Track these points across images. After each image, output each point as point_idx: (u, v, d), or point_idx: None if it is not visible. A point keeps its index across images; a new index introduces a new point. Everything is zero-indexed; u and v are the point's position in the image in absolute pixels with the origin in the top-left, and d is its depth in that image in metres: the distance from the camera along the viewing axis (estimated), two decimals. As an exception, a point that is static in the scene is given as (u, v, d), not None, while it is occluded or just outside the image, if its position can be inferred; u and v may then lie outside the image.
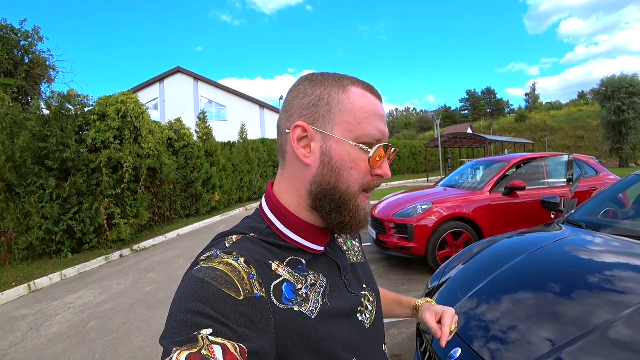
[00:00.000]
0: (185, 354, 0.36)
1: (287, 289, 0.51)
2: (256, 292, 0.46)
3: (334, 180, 0.53)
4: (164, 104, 21.00)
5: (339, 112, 0.53)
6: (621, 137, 26.21)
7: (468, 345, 1.32)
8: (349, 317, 0.56)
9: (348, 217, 0.55)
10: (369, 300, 0.63)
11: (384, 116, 0.56)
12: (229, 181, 11.59)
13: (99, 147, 6.41)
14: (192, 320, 0.40)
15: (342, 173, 0.53)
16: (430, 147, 22.84)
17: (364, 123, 0.53)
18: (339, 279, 0.59)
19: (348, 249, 0.68)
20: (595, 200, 2.62)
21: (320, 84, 0.55)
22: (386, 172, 0.56)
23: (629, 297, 1.30)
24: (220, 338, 0.39)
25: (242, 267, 0.47)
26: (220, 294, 0.43)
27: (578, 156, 5.11)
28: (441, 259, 4.07)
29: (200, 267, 0.47)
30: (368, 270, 0.70)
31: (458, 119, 68.05)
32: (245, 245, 0.52)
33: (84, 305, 3.94)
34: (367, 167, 0.54)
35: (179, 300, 0.43)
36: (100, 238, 6.41)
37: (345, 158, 0.53)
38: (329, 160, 0.53)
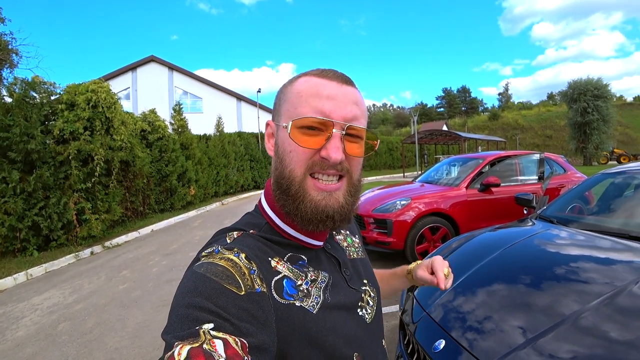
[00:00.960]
0: (187, 348, 0.36)
1: (288, 285, 0.51)
2: (257, 288, 0.46)
3: (281, 167, 0.54)
4: (136, 94, 20.24)
5: (284, 102, 0.56)
6: (586, 137, 27.71)
7: (451, 337, 1.36)
8: (350, 312, 0.57)
9: (293, 206, 0.52)
10: (370, 295, 0.64)
11: (332, 95, 0.52)
12: (204, 175, 11.36)
13: (67, 138, 6.09)
14: (194, 315, 0.40)
15: (284, 157, 0.53)
16: (406, 143, 23.26)
17: (300, 106, 0.52)
18: (339, 274, 0.60)
19: (348, 245, 0.70)
20: (565, 197, 2.75)
21: (283, 85, 0.59)
22: (329, 153, 0.50)
23: (594, 287, 1.40)
24: (221, 332, 0.39)
25: (243, 262, 0.48)
26: (222, 289, 0.43)
27: (548, 155, 5.35)
28: (419, 253, 4.17)
29: (202, 263, 0.48)
30: (368, 266, 0.71)
31: (434, 116, 69.54)
32: (245, 241, 0.53)
33: (53, 306, 3.75)
34: (308, 149, 0.51)
35: (180, 295, 0.43)
36: (69, 234, 6.12)
37: (285, 142, 0.53)
38: (277, 149, 0.56)
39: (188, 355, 0.35)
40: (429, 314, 1.56)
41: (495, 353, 1.19)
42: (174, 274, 4.54)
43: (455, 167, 5.66)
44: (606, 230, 1.98)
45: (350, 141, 0.53)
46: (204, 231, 7.20)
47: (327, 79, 0.54)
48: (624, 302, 1.26)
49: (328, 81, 0.53)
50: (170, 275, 4.50)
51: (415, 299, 1.76)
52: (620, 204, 2.43)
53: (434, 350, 1.34)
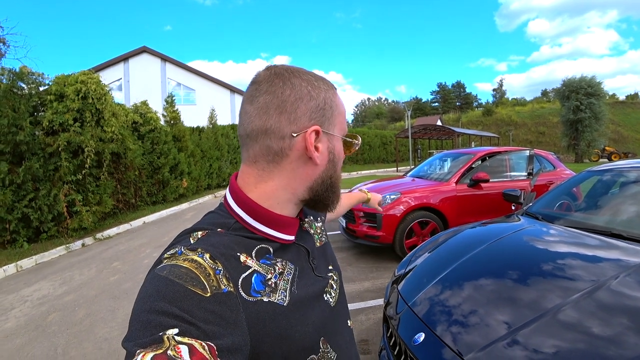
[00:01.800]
0: (150, 355, 0.35)
1: (257, 280, 0.51)
2: (223, 288, 0.45)
3: (333, 172, 0.60)
4: (128, 85, 19.94)
5: (337, 114, 0.60)
6: (577, 135, 28.03)
7: (430, 330, 1.39)
8: (317, 300, 0.58)
9: (335, 196, 0.63)
10: (334, 279, 0.66)
11: None
12: (197, 167, 11.29)
13: (56, 129, 6.00)
14: (157, 320, 0.38)
15: (338, 164, 0.62)
16: (400, 137, 23.31)
17: (344, 121, 0.63)
18: (307, 263, 0.60)
19: (314, 232, 0.70)
20: (552, 194, 2.80)
21: (320, 87, 0.58)
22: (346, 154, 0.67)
23: (577, 282, 1.44)
24: (187, 337, 0.38)
25: (208, 262, 0.46)
26: (186, 292, 0.42)
27: (538, 151, 5.42)
28: (408, 247, 4.21)
29: (164, 265, 0.45)
30: (331, 250, 0.73)
31: (428, 111, 69.68)
32: (210, 240, 0.51)
33: (43, 298, 3.74)
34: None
35: (142, 300, 0.42)
36: (60, 226, 6.07)
37: (340, 152, 0.62)
38: (333, 157, 0.60)
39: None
40: (411, 307, 1.59)
41: (475, 345, 1.22)
42: (166, 267, 4.53)
43: (447, 162, 5.70)
44: (590, 227, 2.02)
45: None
46: (197, 224, 7.18)
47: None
48: (602, 297, 1.30)
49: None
50: (162, 268, 4.50)
51: (399, 292, 1.78)
52: (605, 202, 2.48)
53: (414, 343, 1.37)
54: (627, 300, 1.28)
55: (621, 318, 1.20)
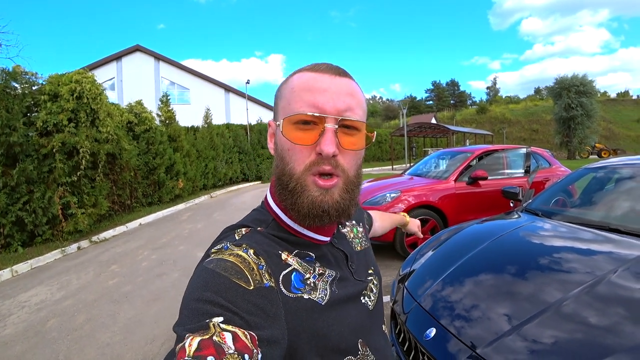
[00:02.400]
0: (198, 340, 0.37)
1: (296, 279, 0.53)
2: (266, 282, 0.48)
3: (281, 165, 0.54)
4: (121, 84, 19.79)
5: (280, 101, 0.56)
6: (570, 132, 28.39)
7: (441, 325, 1.41)
8: (354, 301, 0.59)
9: (291, 200, 0.53)
10: (374, 283, 0.67)
11: (324, 87, 0.52)
12: (193, 167, 11.23)
13: (50, 130, 5.93)
14: (204, 309, 0.41)
15: (284, 156, 0.54)
16: (395, 135, 23.38)
17: (293, 102, 0.52)
18: (346, 268, 0.62)
19: (354, 237, 0.71)
20: (550, 190, 2.83)
21: (281, 84, 0.58)
22: (322, 148, 0.50)
23: (575, 276, 1.48)
24: (230, 326, 0.40)
25: (252, 258, 0.49)
26: (231, 284, 0.44)
27: (534, 149, 5.48)
28: (408, 245, 4.24)
29: (212, 259, 0.49)
30: (372, 254, 0.74)
31: (423, 109, 69.96)
32: (254, 237, 0.54)
33: (41, 303, 3.70)
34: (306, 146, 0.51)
35: (191, 290, 0.45)
36: (55, 229, 6.00)
37: (283, 140, 0.53)
38: (277, 147, 0.56)
39: (198, 347, 0.37)
40: (420, 303, 1.61)
41: (483, 339, 1.24)
42: (164, 268, 4.52)
43: (444, 161, 5.74)
44: (588, 222, 2.05)
45: (345, 134, 0.52)
46: (193, 224, 7.16)
47: (320, 72, 0.53)
48: (603, 290, 1.33)
49: (321, 74, 0.53)
50: (160, 270, 4.48)
51: (406, 289, 1.80)
52: (601, 198, 2.51)
53: (425, 338, 1.39)
54: (627, 293, 1.31)
55: (622, 310, 1.24)
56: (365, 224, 0.86)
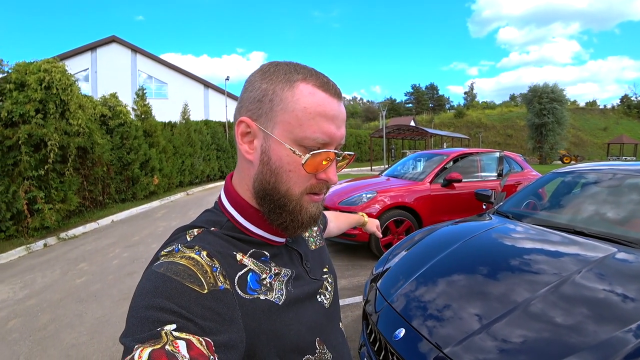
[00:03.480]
0: (149, 350, 0.35)
1: (252, 279, 0.51)
2: (220, 285, 0.46)
3: (273, 181, 0.52)
4: (95, 76, 19.06)
5: (280, 110, 0.50)
6: (542, 138, 29.60)
7: (410, 325, 1.42)
8: (310, 300, 0.59)
9: (288, 218, 0.54)
10: (329, 281, 0.66)
11: (336, 117, 0.52)
12: (169, 164, 10.95)
13: (16, 121, 5.62)
14: (155, 316, 0.39)
15: (280, 174, 0.51)
16: (375, 137, 23.63)
17: (305, 125, 0.49)
18: (301, 267, 0.61)
19: (309, 236, 0.71)
20: (520, 194, 2.93)
21: (269, 78, 0.52)
22: (330, 178, 0.53)
23: (543, 276, 1.53)
24: (184, 333, 0.38)
25: (205, 260, 0.47)
26: (184, 288, 0.42)
27: (507, 153, 5.66)
28: (384, 245, 4.29)
29: (162, 262, 0.46)
30: (326, 253, 0.74)
31: (402, 112, 71.12)
32: (206, 238, 0.51)
33: (2, 302, 3.50)
34: (308, 171, 0.51)
35: (139, 296, 0.42)
36: (20, 225, 5.70)
37: (284, 160, 0.51)
38: (268, 160, 0.52)
39: (149, 358, 0.34)
40: (390, 304, 1.63)
41: (453, 339, 1.26)
42: (136, 267, 4.38)
43: (421, 163, 5.85)
44: (555, 225, 2.14)
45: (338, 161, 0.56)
46: (168, 222, 6.98)
47: (330, 95, 0.51)
48: (568, 290, 1.38)
49: (331, 98, 0.51)
50: (132, 268, 4.34)
51: (378, 289, 1.82)
52: (568, 201, 2.62)
53: (394, 338, 1.40)
54: (589, 293, 1.37)
55: (584, 309, 1.29)
56: (320, 223, 0.86)
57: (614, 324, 1.17)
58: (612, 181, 2.42)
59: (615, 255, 1.61)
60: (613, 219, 2.11)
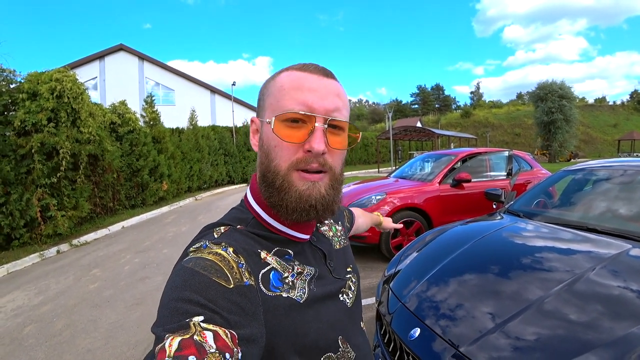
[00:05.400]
0: (178, 340, 0.37)
1: (275, 277, 0.53)
2: (245, 281, 0.47)
3: (266, 161, 0.55)
4: (104, 84, 19.35)
5: (267, 97, 0.56)
6: (550, 136, 29.25)
7: (425, 325, 1.42)
8: (333, 299, 0.60)
9: (278, 197, 0.53)
10: (352, 281, 0.67)
11: (314, 89, 0.53)
12: (177, 170, 11.06)
13: (29, 130, 5.75)
14: (184, 308, 0.41)
15: (270, 152, 0.54)
16: (381, 138, 23.57)
17: (282, 100, 0.53)
18: (324, 266, 0.62)
19: (333, 235, 0.71)
20: (531, 192, 2.91)
21: (266, 81, 0.59)
22: (312, 146, 0.51)
23: (556, 274, 1.51)
24: (211, 325, 0.40)
25: (231, 256, 0.49)
26: (211, 283, 0.44)
27: (516, 152, 5.62)
28: (394, 247, 4.27)
29: (190, 258, 0.48)
30: (350, 253, 0.74)
31: (408, 113, 70.88)
32: (233, 235, 0.54)
33: (18, 309, 3.56)
34: (293, 144, 0.52)
35: (170, 290, 0.44)
36: (33, 233, 5.81)
37: (270, 137, 0.54)
38: (262, 144, 0.56)
39: (179, 347, 0.36)
40: (404, 304, 1.63)
41: (467, 338, 1.26)
42: (147, 272, 4.42)
43: (429, 163, 5.82)
44: (567, 223, 2.12)
45: (332, 133, 0.53)
46: (178, 227, 7.04)
47: (308, 72, 0.54)
48: (582, 287, 1.37)
49: (310, 74, 0.54)
50: (144, 273, 4.39)
51: (391, 290, 1.82)
52: (580, 199, 2.60)
53: (410, 338, 1.40)
54: (604, 290, 1.36)
55: (599, 306, 1.28)
56: (346, 222, 0.89)
57: (629, 320, 1.16)
58: (623, 177, 2.39)
59: (630, 251, 1.59)
60: (626, 215, 2.08)
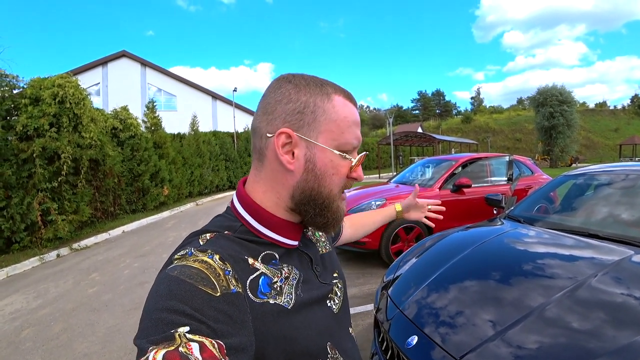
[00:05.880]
0: (163, 352, 0.35)
1: (264, 283, 0.52)
2: (232, 288, 0.46)
3: (317, 186, 0.55)
4: (107, 90, 19.47)
5: (325, 121, 0.54)
6: (552, 141, 29.22)
7: (423, 332, 1.40)
8: (320, 305, 0.59)
9: (331, 218, 0.58)
10: (338, 286, 0.67)
11: (359, 123, 0.60)
12: (178, 175, 11.08)
13: (31, 134, 5.78)
14: (168, 319, 0.39)
15: (325, 178, 0.55)
16: (382, 144, 23.60)
17: (346, 132, 0.56)
18: (310, 271, 0.61)
19: (317, 240, 0.71)
20: (532, 197, 2.89)
21: (305, 90, 0.55)
22: (360, 175, 0.60)
23: (557, 281, 1.49)
24: (197, 335, 0.38)
25: (217, 263, 0.48)
26: (197, 291, 0.42)
27: (517, 157, 5.60)
28: (394, 252, 4.24)
29: (175, 266, 0.46)
30: (335, 258, 0.74)
31: (409, 118, 71.03)
32: (219, 242, 0.52)
33: (16, 312, 3.56)
34: (346, 172, 0.58)
35: (153, 299, 0.42)
36: (33, 236, 5.81)
37: (329, 165, 0.55)
38: (313, 167, 0.55)
39: (163, 359, 0.35)
40: (402, 311, 1.60)
41: (466, 346, 1.24)
42: (147, 276, 4.41)
43: (429, 169, 5.81)
44: (568, 228, 2.10)
45: None
46: (178, 232, 7.03)
47: (354, 105, 0.59)
48: (584, 294, 1.35)
49: (355, 108, 0.59)
50: (143, 278, 4.37)
51: (389, 297, 1.79)
52: (581, 204, 2.58)
53: (407, 346, 1.38)
54: (606, 297, 1.34)
55: (602, 314, 1.26)
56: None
57: (633, 328, 1.14)
58: (625, 182, 2.37)
59: (632, 257, 1.57)
60: (628, 220, 2.06)
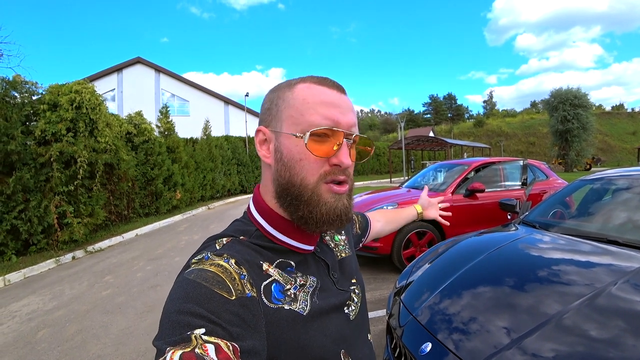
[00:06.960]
0: (179, 353, 0.37)
1: (276, 289, 0.52)
2: (247, 292, 0.47)
3: (287, 175, 0.54)
4: (121, 96, 19.89)
5: (284, 108, 0.55)
6: (567, 145, 28.62)
7: (437, 339, 1.37)
8: (337, 312, 0.58)
9: (306, 210, 0.54)
10: (356, 292, 0.65)
11: (337, 104, 0.54)
12: (191, 179, 11.21)
13: (49, 139, 5.93)
14: (185, 321, 0.40)
15: (293, 166, 0.54)
16: (393, 148, 23.47)
17: (307, 113, 0.53)
18: (327, 277, 0.61)
19: (335, 245, 0.70)
20: (547, 202, 2.83)
21: (275, 89, 0.58)
22: (341, 160, 0.53)
23: (574, 288, 1.45)
24: (213, 337, 0.39)
25: (233, 268, 0.49)
26: (213, 295, 0.43)
27: (531, 161, 5.50)
28: (406, 258, 4.20)
29: (192, 270, 0.48)
30: (354, 262, 0.73)
31: (421, 122, 70.58)
32: (235, 247, 0.53)
33: (32, 313, 3.63)
34: (319, 157, 0.53)
35: (171, 301, 0.44)
36: (50, 239, 5.94)
37: (293, 150, 0.53)
38: (281, 156, 0.55)
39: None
40: (416, 317, 1.58)
41: (481, 354, 1.21)
42: (159, 280, 4.45)
43: (441, 173, 5.74)
44: (585, 234, 2.04)
45: (352, 147, 0.56)
46: (190, 236, 7.10)
47: (327, 87, 0.55)
48: (604, 302, 1.31)
49: (329, 89, 0.55)
50: (155, 281, 4.42)
51: (402, 302, 1.77)
52: (599, 209, 2.51)
53: (421, 353, 1.35)
54: (627, 305, 1.29)
55: (622, 322, 1.21)
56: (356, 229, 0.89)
57: (656, 338, 1.10)
58: (646, 187, 2.30)
59: (655, 265, 1.52)
60: (649, 227, 2.00)
